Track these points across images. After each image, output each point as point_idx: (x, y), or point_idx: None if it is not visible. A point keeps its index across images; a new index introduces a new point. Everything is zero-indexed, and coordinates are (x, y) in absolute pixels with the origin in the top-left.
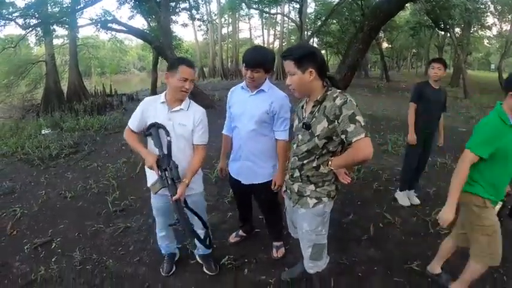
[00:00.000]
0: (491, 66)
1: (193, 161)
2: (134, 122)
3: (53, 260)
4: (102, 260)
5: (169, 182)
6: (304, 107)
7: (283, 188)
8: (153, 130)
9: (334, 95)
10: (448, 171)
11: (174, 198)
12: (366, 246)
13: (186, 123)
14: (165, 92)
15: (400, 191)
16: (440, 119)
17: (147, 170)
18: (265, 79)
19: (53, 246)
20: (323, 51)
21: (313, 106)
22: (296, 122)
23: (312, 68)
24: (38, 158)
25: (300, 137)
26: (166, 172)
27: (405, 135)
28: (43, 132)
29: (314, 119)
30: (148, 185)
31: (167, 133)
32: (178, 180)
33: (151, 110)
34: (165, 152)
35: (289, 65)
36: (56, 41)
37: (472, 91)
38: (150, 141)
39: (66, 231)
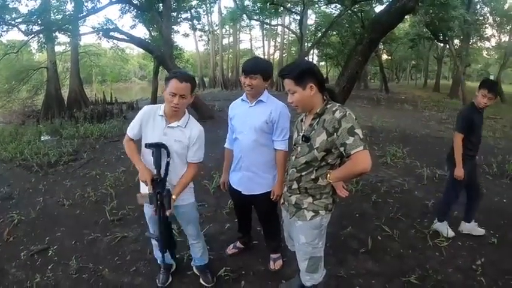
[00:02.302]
0: (491, 77)
1: (184, 177)
2: (133, 130)
3: (49, 267)
4: (98, 269)
5: (158, 204)
6: (303, 120)
7: (281, 200)
8: (156, 150)
9: (334, 109)
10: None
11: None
12: (364, 259)
13: (182, 140)
14: (164, 104)
15: (440, 221)
16: None
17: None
18: (264, 90)
19: (49, 253)
20: (323, 63)
21: (312, 119)
22: (295, 134)
23: (311, 83)
24: (36, 164)
25: (299, 149)
26: (158, 195)
27: (404, 146)
28: (43, 138)
29: (313, 131)
30: (138, 194)
31: (168, 154)
32: (168, 208)
33: (150, 120)
34: (162, 176)
35: (289, 84)
36: (57, 48)
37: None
38: (146, 153)
39: (63, 239)
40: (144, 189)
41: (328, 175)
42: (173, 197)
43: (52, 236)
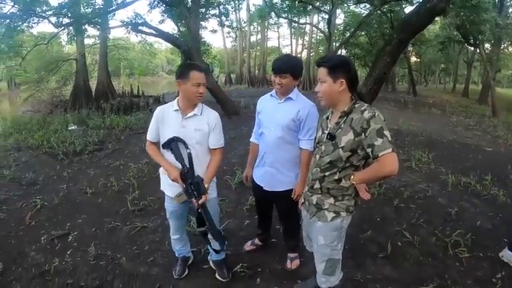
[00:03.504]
0: None
1: (211, 165)
2: (151, 133)
3: (68, 252)
4: (116, 257)
5: (196, 194)
6: (329, 118)
7: (302, 200)
8: (173, 145)
9: (362, 108)
10: (471, 192)
11: (200, 202)
12: (382, 264)
13: (201, 128)
14: (177, 99)
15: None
16: None
17: (161, 174)
18: (294, 87)
19: (69, 239)
20: None
21: (339, 117)
22: (320, 133)
23: (343, 78)
24: (62, 152)
25: (323, 148)
26: (191, 186)
27: (429, 152)
28: (69, 128)
29: (340, 130)
30: (172, 195)
31: (186, 146)
32: (204, 192)
33: (164, 119)
34: (188, 166)
35: (322, 72)
36: (87, 41)
37: (500, 109)
38: (166, 153)
39: (83, 226)
40: (165, 181)
41: (352, 176)
42: (205, 185)
43: (73, 222)
